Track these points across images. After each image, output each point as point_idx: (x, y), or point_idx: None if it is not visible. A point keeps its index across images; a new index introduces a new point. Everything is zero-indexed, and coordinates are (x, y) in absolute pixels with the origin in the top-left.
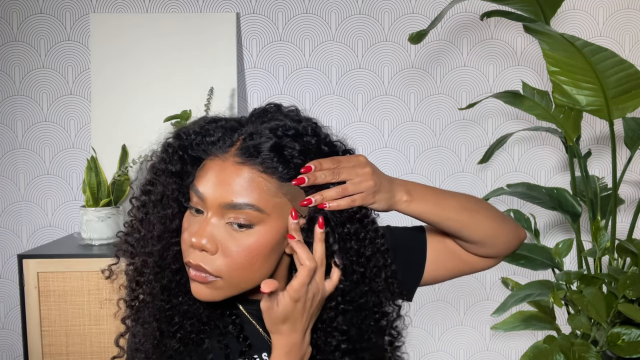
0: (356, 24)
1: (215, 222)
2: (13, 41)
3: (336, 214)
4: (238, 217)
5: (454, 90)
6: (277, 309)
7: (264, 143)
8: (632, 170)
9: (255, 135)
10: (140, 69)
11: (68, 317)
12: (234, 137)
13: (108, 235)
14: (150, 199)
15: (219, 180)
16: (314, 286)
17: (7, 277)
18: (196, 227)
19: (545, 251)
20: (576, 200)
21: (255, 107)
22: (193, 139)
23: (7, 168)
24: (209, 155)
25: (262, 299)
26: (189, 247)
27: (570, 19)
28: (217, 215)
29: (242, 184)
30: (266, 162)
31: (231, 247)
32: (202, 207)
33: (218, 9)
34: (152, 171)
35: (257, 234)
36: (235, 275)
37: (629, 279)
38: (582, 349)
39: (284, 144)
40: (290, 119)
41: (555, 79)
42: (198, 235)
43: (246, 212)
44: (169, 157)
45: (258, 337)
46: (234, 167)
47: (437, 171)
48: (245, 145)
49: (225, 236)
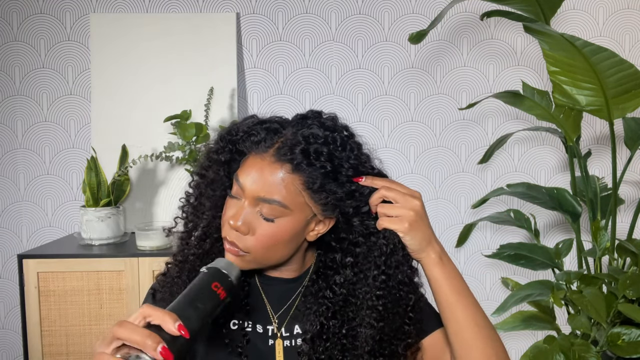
0: (356, 24)
1: (249, 209)
2: (13, 41)
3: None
4: (266, 209)
5: (454, 90)
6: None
7: (296, 147)
8: (632, 170)
9: (290, 140)
10: (140, 69)
11: (68, 317)
12: (274, 140)
13: (108, 235)
14: (204, 181)
15: (257, 175)
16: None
17: (7, 277)
18: (234, 210)
19: (545, 251)
20: (576, 200)
21: (298, 112)
22: (241, 136)
23: (7, 168)
24: (252, 151)
25: None
26: (227, 225)
27: (570, 19)
28: (251, 203)
29: (274, 181)
30: (296, 163)
31: (259, 231)
32: (241, 195)
33: (218, 9)
34: (207, 157)
35: (280, 225)
36: (260, 254)
37: (629, 279)
38: (582, 349)
39: (313, 149)
40: (325, 127)
41: (555, 79)
42: (235, 219)
43: (273, 206)
44: (221, 148)
45: (262, 309)
46: (270, 165)
47: (437, 171)
48: (281, 147)
49: (256, 222)
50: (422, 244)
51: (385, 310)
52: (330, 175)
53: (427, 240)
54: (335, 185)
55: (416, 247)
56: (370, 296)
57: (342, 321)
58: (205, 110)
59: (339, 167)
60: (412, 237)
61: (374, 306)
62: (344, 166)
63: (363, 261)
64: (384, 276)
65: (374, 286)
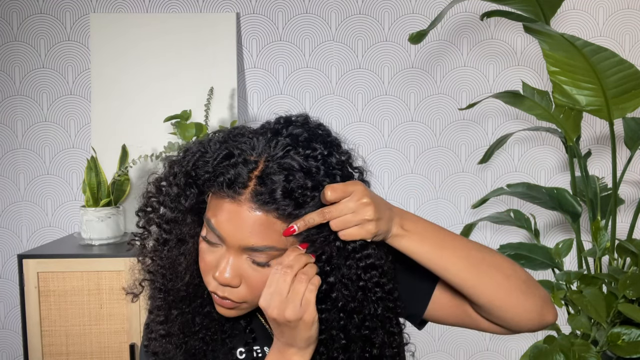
0: (356, 24)
1: (234, 258)
2: (13, 41)
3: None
4: (258, 257)
5: (454, 90)
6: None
7: (277, 189)
8: (632, 170)
9: (266, 179)
10: (140, 69)
11: (68, 317)
12: (246, 177)
13: (108, 235)
14: (171, 237)
15: (236, 224)
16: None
17: (7, 277)
18: (214, 258)
19: (545, 251)
20: (576, 200)
21: (265, 122)
22: (207, 178)
23: (7, 168)
24: (222, 193)
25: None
26: (213, 280)
27: (570, 19)
28: (236, 253)
29: (259, 229)
30: (281, 208)
31: (253, 278)
32: (220, 243)
33: (218, 9)
34: (169, 205)
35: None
36: (258, 299)
37: (629, 279)
38: (582, 349)
39: (296, 187)
40: (300, 144)
41: (555, 79)
42: (221, 272)
43: (267, 253)
44: (182, 192)
45: (264, 331)
46: (249, 212)
47: (437, 171)
48: (259, 191)
49: (247, 269)
50: (388, 230)
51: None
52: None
53: (389, 222)
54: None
55: (384, 234)
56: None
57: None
58: (205, 110)
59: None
60: (381, 233)
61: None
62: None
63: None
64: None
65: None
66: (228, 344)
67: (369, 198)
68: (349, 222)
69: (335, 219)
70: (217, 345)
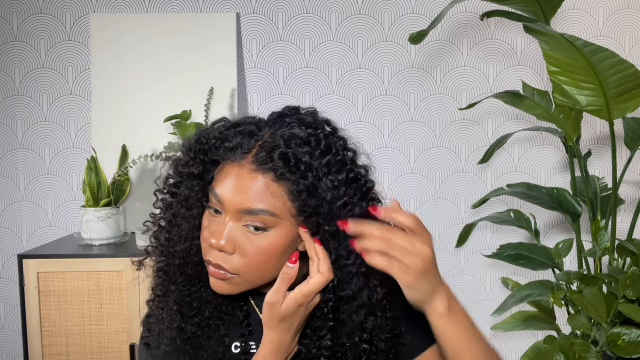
0: (356, 24)
1: (232, 224)
2: (13, 41)
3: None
4: (254, 221)
5: (454, 90)
6: (279, 307)
7: (275, 151)
8: (632, 170)
9: (267, 143)
10: (140, 69)
11: (68, 317)
12: (251, 144)
13: (108, 235)
14: (176, 200)
15: (236, 186)
16: (318, 294)
17: (7, 277)
18: (215, 227)
19: (545, 251)
20: (576, 200)
21: (274, 110)
22: (213, 144)
23: (7, 168)
24: (227, 159)
25: (268, 292)
26: (209, 246)
27: (570, 19)
28: (234, 218)
29: (257, 190)
30: (278, 169)
31: (247, 248)
32: (220, 208)
33: (218, 9)
34: (176, 172)
35: (271, 236)
36: (251, 273)
37: (629, 279)
38: (582, 349)
39: (293, 152)
40: (305, 123)
41: (555, 79)
42: (217, 237)
43: (262, 217)
44: (191, 160)
45: (261, 327)
46: (249, 174)
47: (437, 171)
48: (260, 153)
49: (242, 238)
50: (426, 296)
51: (374, 325)
52: (313, 185)
53: (433, 290)
54: (320, 196)
55: (418, 298)
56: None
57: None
58: (205, 110)
59: (324, 175)
60: (416, 289)
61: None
62: (330, 171)
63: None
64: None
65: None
66: (222, 330)
67: (433, 254)
68: (398, 257)
69: (392, 242)
70: (211, 332)
